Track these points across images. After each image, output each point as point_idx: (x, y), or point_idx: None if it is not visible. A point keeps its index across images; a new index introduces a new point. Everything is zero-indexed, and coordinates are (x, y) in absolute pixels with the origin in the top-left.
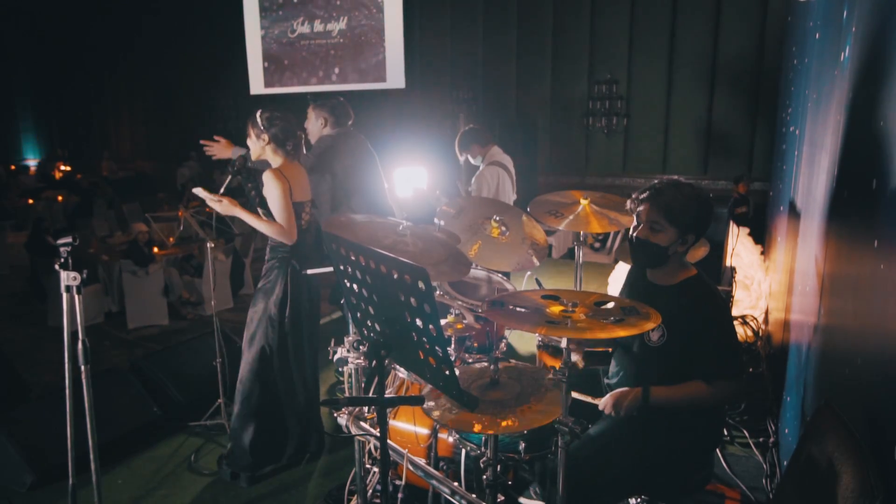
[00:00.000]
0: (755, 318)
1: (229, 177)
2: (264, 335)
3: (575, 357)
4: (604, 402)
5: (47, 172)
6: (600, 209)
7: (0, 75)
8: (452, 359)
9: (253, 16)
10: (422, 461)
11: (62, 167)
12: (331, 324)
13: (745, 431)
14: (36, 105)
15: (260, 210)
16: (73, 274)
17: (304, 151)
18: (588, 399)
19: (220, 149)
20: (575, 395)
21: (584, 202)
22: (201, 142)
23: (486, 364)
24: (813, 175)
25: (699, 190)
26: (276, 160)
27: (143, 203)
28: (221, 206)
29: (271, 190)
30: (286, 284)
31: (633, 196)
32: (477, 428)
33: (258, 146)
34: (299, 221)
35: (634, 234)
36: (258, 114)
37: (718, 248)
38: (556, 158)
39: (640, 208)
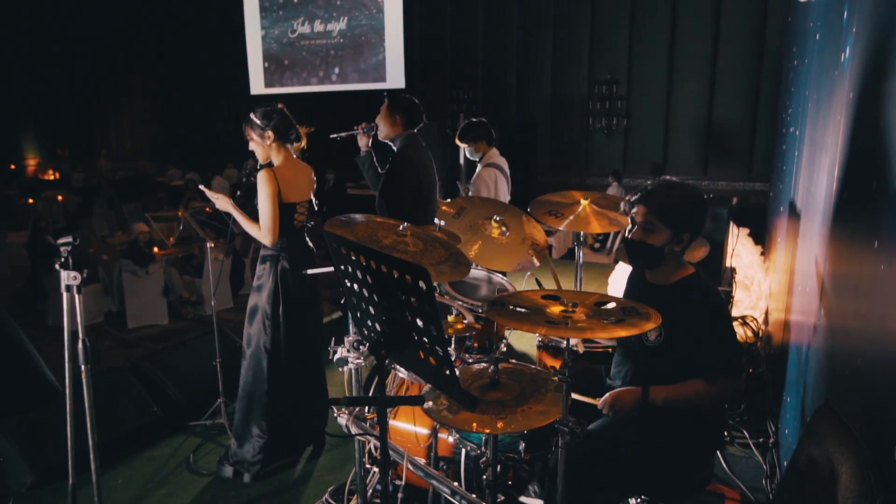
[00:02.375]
0: (755, 319)
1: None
2: (259, 334)
3: (574, 341)
4: (602, 402)
5: (62, 170)
6: (600, 209)
7: (0, 75)
8: (452, 359)
9: (253, 16)
10: (422, 461)
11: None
12: (331, 324)
13: (745, 432)
14: (36, 105)
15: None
16: (73, 273)
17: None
18: (588, 400)
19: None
20: (575, 396)
21: (584, 202)
22: (356, 127)
23: (485, 365)
24: (813, 176)
25: (691, 188)
26: (278, 157)
27: (143, 203)
28: (219, 202)
29: (260, 191)
30: (276, 283)
31: (627, 198)
32: (476, 427)
33: (263, 147)
34: (291, 222)
35: (629, 236)
36: (252, 115)
37: (718, 249)
38: (556, 158)
39: (634, 210)
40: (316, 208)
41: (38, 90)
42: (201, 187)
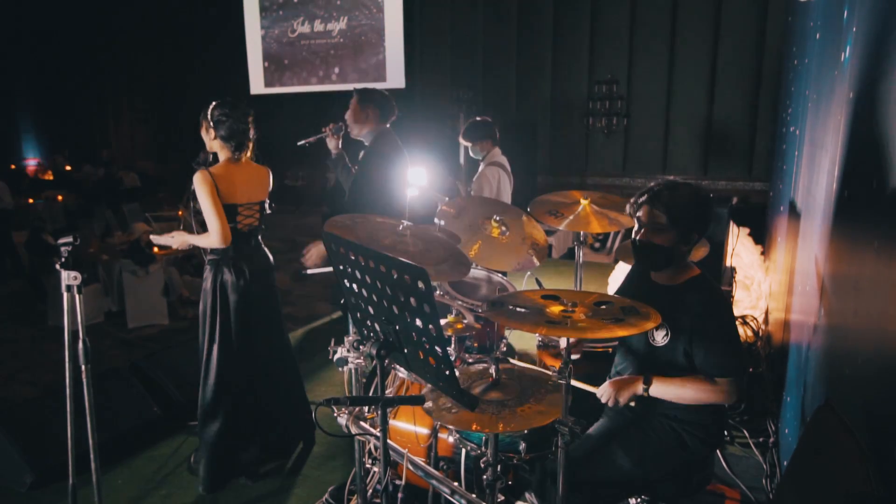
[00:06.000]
0: (755, 319)
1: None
2: (206, 338)
3: (575, 356)
4: (602, 390)
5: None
6: (600, 209)
7: (0, 75)
8: (452, 359)
9: (253, 16)
10: (422, 461)
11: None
12: (331, 324)
13: (745, 431)
14: (36, 105)
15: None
16: (73, 273)
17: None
18: (587, 387)
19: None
20: (575, 383)
21: (584, 202)
22: (324, 129)
23: (485, 365)
24: (813, 175)
25: (697, 188)
26: (222, 155)
27: (143, 203)
28: (175, 241)
29: (198, 193)
30: (215, 294)
31: (632, 200)
32: (476, 427)
33: (208, 139)
34: (233, 226)
35: (637, 238)
36: (210, 107)
37: (718, 249)
38: (556, 158)
39: (640, 212)
40: (269, 211)
41: (39, 90)
42: (153, 237)
